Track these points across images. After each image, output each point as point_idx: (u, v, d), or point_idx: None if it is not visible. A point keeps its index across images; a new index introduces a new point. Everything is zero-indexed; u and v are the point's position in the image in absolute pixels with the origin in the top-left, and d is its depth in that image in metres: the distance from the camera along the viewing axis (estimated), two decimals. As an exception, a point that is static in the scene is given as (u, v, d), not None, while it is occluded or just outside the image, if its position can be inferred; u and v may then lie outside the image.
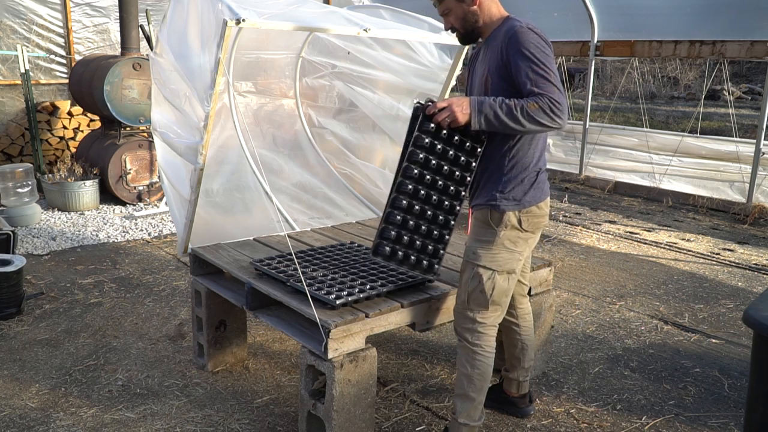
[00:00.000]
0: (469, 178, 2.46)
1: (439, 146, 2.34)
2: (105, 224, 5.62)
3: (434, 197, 2.42)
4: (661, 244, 5.50)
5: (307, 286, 2.42)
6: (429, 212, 2.43)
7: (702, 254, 5.23)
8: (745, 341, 3.60)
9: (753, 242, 5.61)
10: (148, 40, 6.82)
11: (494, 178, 2.40)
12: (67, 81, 7.20)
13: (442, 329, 3.49)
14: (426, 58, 3.87)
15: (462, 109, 2.23)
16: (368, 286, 2.50)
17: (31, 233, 5.28)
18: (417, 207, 2.39)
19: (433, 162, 2.36)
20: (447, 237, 2.52)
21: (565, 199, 7.08)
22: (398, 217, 2.36)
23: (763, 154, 6.30)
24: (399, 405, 2.88)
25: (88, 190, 6.00)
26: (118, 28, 6.54)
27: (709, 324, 3.86)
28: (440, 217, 2.47)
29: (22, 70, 6.45)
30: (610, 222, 6.21)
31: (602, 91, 16.28)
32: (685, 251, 5.31)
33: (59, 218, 5.74)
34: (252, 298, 2.66)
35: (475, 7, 2.41)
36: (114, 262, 4.68)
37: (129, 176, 6.19)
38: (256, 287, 2.62)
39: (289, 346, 3.42)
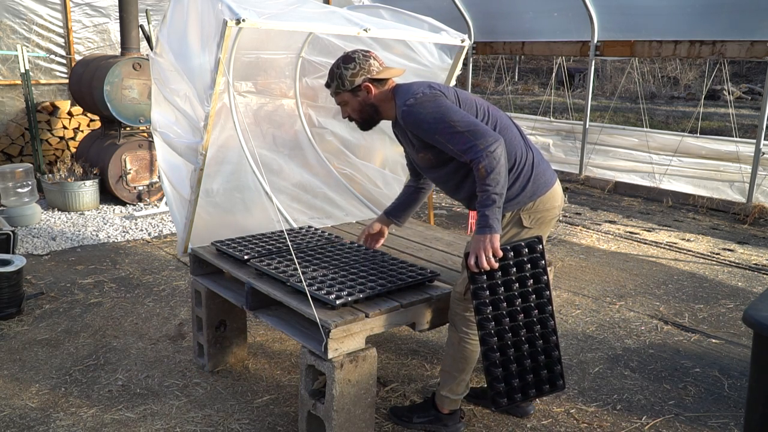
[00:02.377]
0: (547, 292, 2.46)
1: (501, 287, 2.38)
2: (105, 224, 5.62)
3: (522, 332, 2.43)
4: (661, 244, 5.50)
5: (307, 286, 2.42)
6: (524, 344, 2.44)
7: (702, 254, 5.23)
8: (745, 341, 3.60)
9: (753, 242, 5.60)
10: (148, 40, 6.81)
11: None
12: (67, 81, 7.20)
13: (442, 329, 3.48)
14: (426, 58, 3.87)
15: (484, 240, 2.27)
16: (368, 286, 2.50)
17: (31, 233, 5.28)
18: (510, 348, 2.41)
19: (504, 302, 2.39)
20: (555, 353, 2.49)
21: (565, 199, 7.08)
22: (498, 369, 2.39)
23: (763, 154, 6.30)
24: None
25: (88, 190, 6.01)
26: (118, 28, 6.54)
27: (709, 324, 3.86)
28: (538, 340, 2.47)
29: (22, 70, 6.45)
30: (610, 222, 6.21)
31: (602, 91, 16.28)
32: (685, 251, 5.31)
33: (59, 218, 5.74)
34: (252, 298, 2.66)
35: (370, 97, 2.51)
36: (114, 262, 4.68)
37: (129, 176, 6.19)
38: (256, 287, 2.62)
39: (289, 346, 3.42)
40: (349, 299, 2.39)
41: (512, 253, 2.38)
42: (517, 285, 2.41)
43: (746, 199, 6.43)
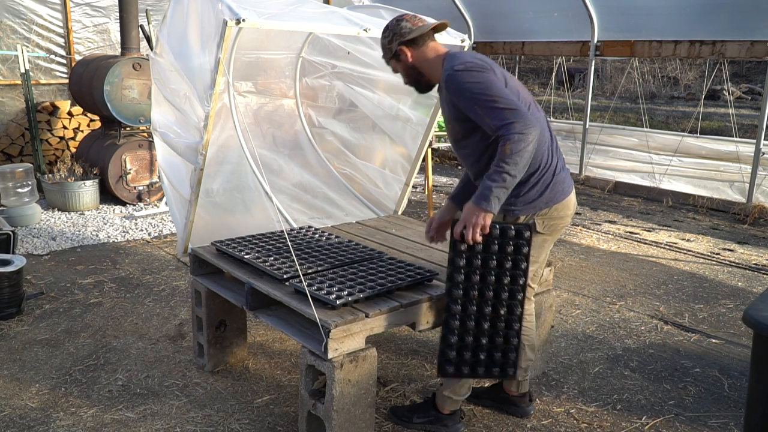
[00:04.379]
0: (522, 280, 2.42)
1: (478, 260, 2.37)
2: (105, 224, 5.62)
3: (487, 310, 2.42)
4: (661, 244, 5.50)
5: (307, 286, 2.42)
6: (486, 322, 2.43)
7: (702, 254, 5.23)
8: (745, 341, 3.60)
9: (753, 242, 5.61)
10: (148, 40, 6.82)
11: None
12: (67, 81, 7.20)
13: (442, 329, 3.49)
14: (426, 58, 3.87)
15: (478, 215, 2.25)
16: (368, 286, 2.50)
17: (31, 233, 5.28)
18: (471, 321, 2.41)
19: (476, 275, 2.38)
20: (515, 340, 2.47)
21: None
22: (454, 338, 2.40)
23: (763, 154, 6.30)
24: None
25: (88, 190, 6.01)
26: (118, 28, 6.54)
27: (709, 324, 3.86)
28: (501, 323, 2.45)
29: (22, 70, 6.45)
30: (610, 222, 6.21)
31: (602, 91, 16.28)
32: (685, 251, 5.31)
33: (59, 218, 5.74)
34: (252, 298, 2.65)
35: (410, 61, 2.49)
36: (114, 262, 4.68)
37: (129, 176, 6.19)
38: (256, 287, 2.62)
39: (289, 346, 3.42)
40: (349, 299, 2.39)
41: (498, 232, 2.36)
42: (494, 263, 2.39)
43: (746, 199, 6.43)
